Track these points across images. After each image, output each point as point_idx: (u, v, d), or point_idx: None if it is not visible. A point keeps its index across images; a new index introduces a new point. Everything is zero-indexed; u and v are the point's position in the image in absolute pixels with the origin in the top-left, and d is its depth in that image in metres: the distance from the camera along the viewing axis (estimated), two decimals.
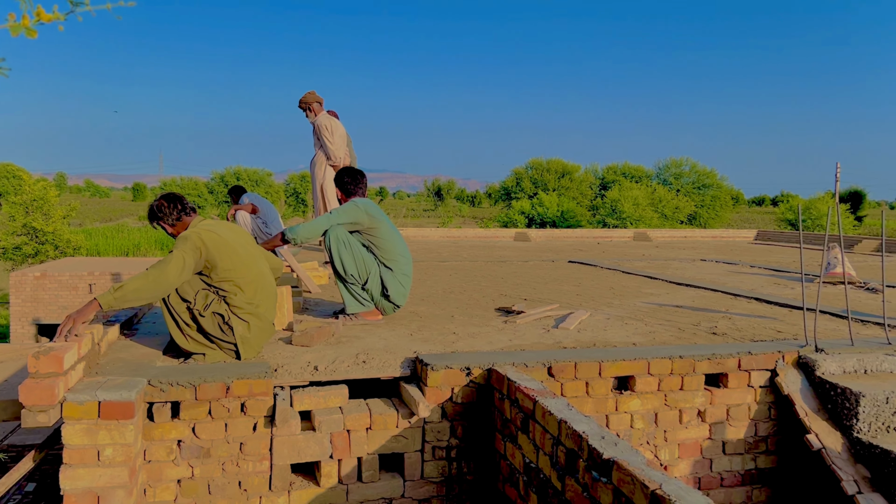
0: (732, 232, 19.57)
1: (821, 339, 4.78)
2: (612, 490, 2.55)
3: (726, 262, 11.32)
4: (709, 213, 37.28)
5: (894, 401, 4.07)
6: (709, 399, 4.29)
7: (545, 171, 40.14)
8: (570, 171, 40.31)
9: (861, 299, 7.07)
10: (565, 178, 39.73)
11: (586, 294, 7.17)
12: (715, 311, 6.12)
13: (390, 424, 3.84)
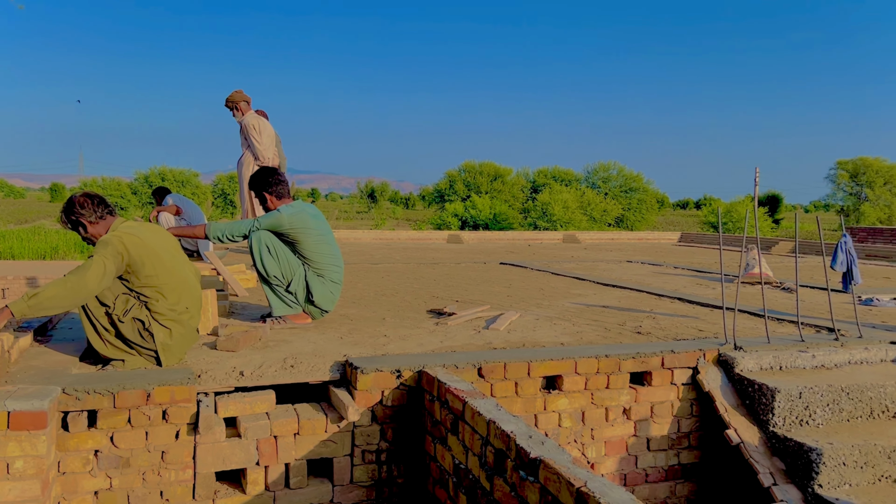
0: (658, 234, 20.15)
1: (739, 338, 4.96)
2: (539, 489, 2.57)
3: (651, 264, 11.64)
4: (635, 216, 38.27)
5: (807, 396, 4.25)
6: (634, 397, 4.39)
7: (478, 173, 40.46)
8: (503, 174, 40.76)
9: (778, 298, 7.38)
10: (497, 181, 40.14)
11: (517, 295, 7.24)
12: (640, 311, 6.28)
13: (319, 429, 3.78)
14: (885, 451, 3.98)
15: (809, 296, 7.54)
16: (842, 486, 3.90)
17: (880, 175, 45.00)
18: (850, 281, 5.53)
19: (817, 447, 3.90)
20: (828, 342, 4.92)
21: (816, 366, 4.71)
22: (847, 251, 5.50)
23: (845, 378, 4.49)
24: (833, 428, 4.24)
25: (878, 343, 4.97)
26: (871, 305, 7.03)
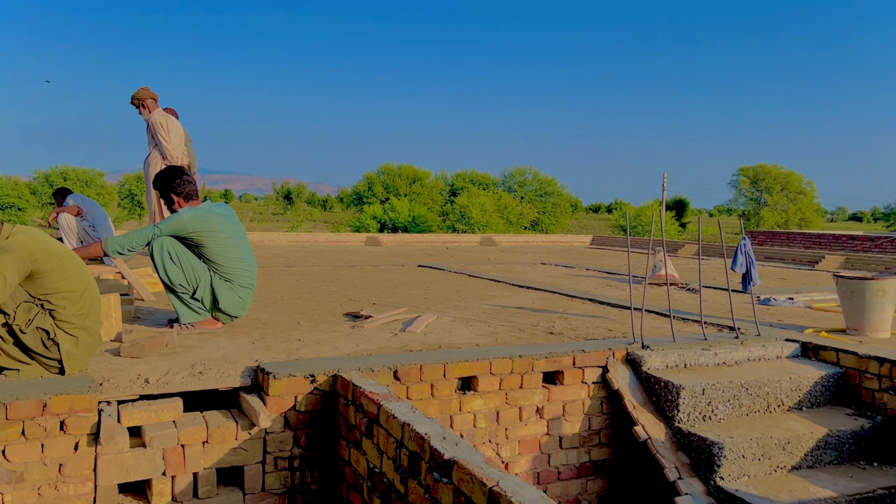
0: (571, 237, 20.66)
1: (647, 337, 5.13)
2: (452, 490, 2.58)
3: (565, 266, 11.91)
4: (550, 220, 39.15)
5: (710, 392, 4.44)
6: (547, 396, 4.48)
7: (397, 176, 40.44)
8: (422, 177, 40.91)
9: (683, 299, 7.68)
10: (416, 184, 40.25)
11: (434, 297, 7.27)
12: (553, 312, 6.41)
13: (229, 437, 3.67)
14: (780, 443, 4.20)
15: (712, 296, 7.89)
16: (741, 478, 4.10)
17: (778, 181, 47.65)
18: (749, 282, 5.82)
19: (719, 441, 4.08)
20: (729, 340, 5.16)
21: (718, 363, 4.93)
22: (746, 253, 5.78)
23: (745, 374, 4.71)
24: (734, 422, 4.45)
25: (774, 340, 5.24)
26: (769, 305, 7.43)
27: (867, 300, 5.50)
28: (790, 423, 4.45)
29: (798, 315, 6.73)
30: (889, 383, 4.54)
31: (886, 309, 5.52)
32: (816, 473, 4.23)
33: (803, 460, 4.27)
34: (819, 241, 21.00)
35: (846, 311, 5.70)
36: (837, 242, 20.52)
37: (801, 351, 5.22)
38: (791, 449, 4.23)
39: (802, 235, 21.71)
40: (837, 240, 20.71)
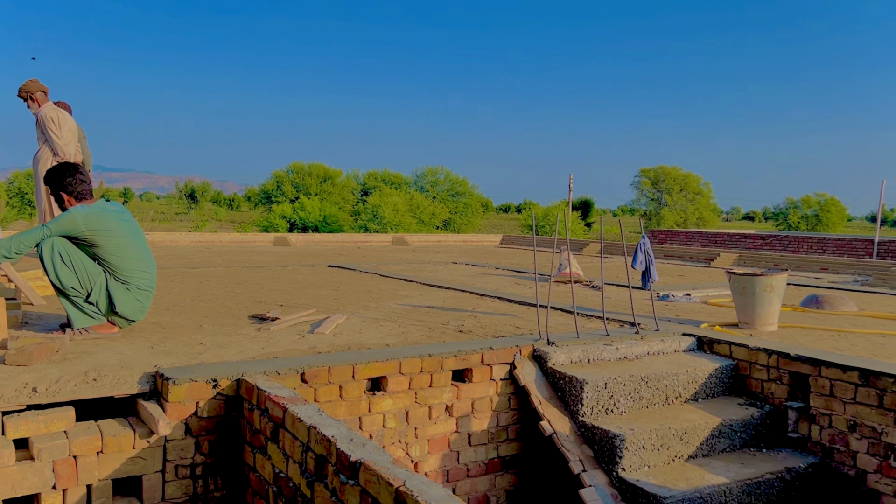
0: (481, 236, 20.91)
1: (552, 333, 5.25)
2: (359, 492, 2.56)
3: (475, 265, 12.05)
4: (461, 219, 39.50)
5: (612, 386, 4.59)
6: (456, 394, 4.51)
7: (307, 175, 39.80)
8: (332, 175, 40.43)
9: (587, 296, 7.91)
10: (327, 183, 39.75)
11: (344, 298, 7.19)
12: (463, 311, 6.47)
13: (126, 446, 3.51)
14: (677, 434, 4.39)
15: (615, 293, 8.16)
16: (642, 468, 4.25)
17: (677, 182, 49.79)
18: (648, 279, 6.05)
19: (620, 433, 4.22)
20: (630, 335, 5.34)
21: (620, 357, 5.10)
22: (646, 252, 6.00)
23: (645, 368, 4.89)
24: (634, 414, 4.61)
25: (672, 335, 5.47)
26: (668, 301, 7.75)
27: (757, 295, 5.82)
28: (687, 413, 4.65)
29: (695, 310, 7.05)
30: (776, 374, 4.82)
31: (774, 303, 5.86)
32: (711, 461, 4.44)
33: (699, 449, 4.47)
34: (715, 240, 22.09)
35: (738, 306, 6.01)
36: (731, 241, 21.65)
37: (697, 345, 5.47)
38: (688, 439, 4.43)
39: (699, 234, 22.78)
40: (731, 238, 21.85)
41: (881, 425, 4.22)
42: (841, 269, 12.64)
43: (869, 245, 17.55)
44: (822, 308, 7.29)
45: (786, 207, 53.13)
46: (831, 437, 4.49)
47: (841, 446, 4.44)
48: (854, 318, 6.79)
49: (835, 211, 50.71)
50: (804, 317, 6.81)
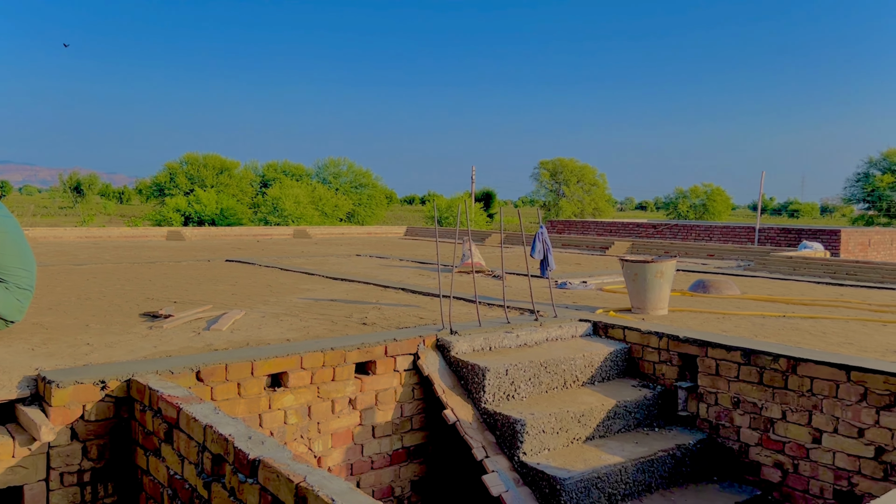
0: (386, 228, 20.85)
1: (455, 323, 5.30)
2: (258, 490, 2.50)
3: (379, 257, 12.00)
4: (366, 211, 39.20)
5: (513, 372, 4.68)
6: (359, 387, 4.48)
7: (202, 166, 38.42)
8: (230, 167, 39.21)
9: (489, 285, 8.03)
10: (224, 175, 38.51)
11: (242, 293, 7.00)
12: (367, 303, 6.42)
13: (4, 455, 3.29)
14: (575, 416, 4.53)
15: (516, 282, 8.32)
16: (542, 452, 4.36)
17: (574, 174, 51.26)
18: (546, 267, 6.20)
19: (521, 418, 4.31)
20: (529, 323, 5.46)
21: (520, 344, 5.21)
22: (543, 241, 6.15)
23: (544, 354, 5.02)
24: (535, 400, 4.72)
25: (570, 321, 5.63)
26: (566, 288, 7.97)
27: (648, 281, 6.08)
28: (585, 397, 4.80)
29: (591, 297, 7.29)
30: (667, 356, 5.05)
31: (665, 288, 6.14)
32: (607, 442, 4.61)
33: (596, 430, 4.63)
34: (610, 229, 22.92)
35: (631, 292, 6.26)
36: (625, 230, 22.52)
37: (593, 330, 5.65)
38: (585, 421, 4.57)
39: (596, 224, 23.57)
40: (625, 227, 22.72)
41: (761, 401, 4.50)
42: (726, 255, 13.39)
43: (751, 232, 18.67)
44: (709, 292, 7.70)
45: (675, 197, 55.74)
46: (717, 413, 4.75)
47: (726, 422, 4.70)
48: (737, 301, 7.20)
49: (720, 200, 53.62)
50: (692, 301, 7.17)
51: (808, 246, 14.21)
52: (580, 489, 4.05)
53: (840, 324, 5.86)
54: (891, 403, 3.95)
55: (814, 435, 4.27)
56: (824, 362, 4.24)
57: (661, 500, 4.33)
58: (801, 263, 11.06)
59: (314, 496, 2.17)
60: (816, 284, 8.94)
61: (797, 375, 4.33)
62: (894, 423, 3.94)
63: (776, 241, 17.90)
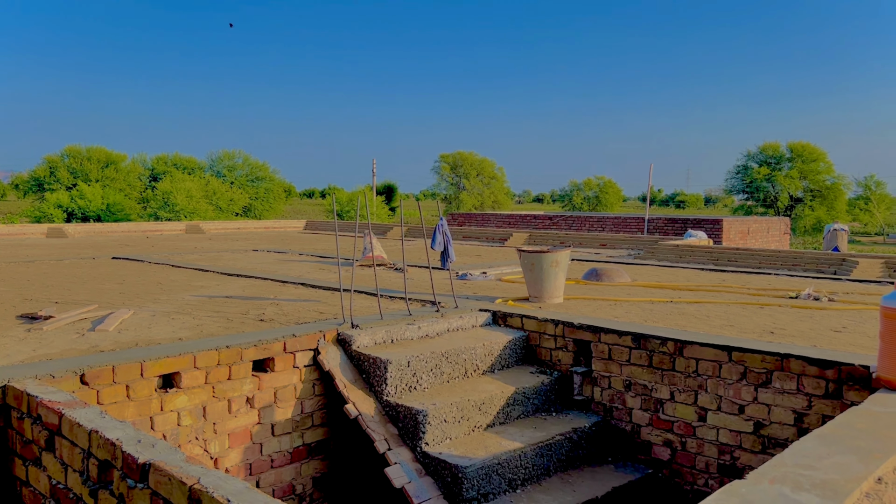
0: (285, 222, 20.43)
1: (357, 316, 5.26)
2: (149, 494, 2.39)
3: (277, 251, 11.74)
4: (263, 205, 38.21)
5: (415, 364, 4.69)
6: (257, 385, 4.37)
7: (86, 159, 36.33)
8: (116, 160, 37.27)
9: (391, 278, 8.01)
10: (110, 168, 36.58)
11: (131, 291, 6.68)
12: (264, 299, 6.27)
13: None
14: (476, 405, 4.59)
15: (418, 274, 8.34)
16: (444, 441, 4.40)
17: (474, 167, 51.89)
18: (447, 259, 6.25)
19: (423, 409, 4.33)
20: (431, 314, 5.49)
21: (422, 336, 5.22)
22: (444, 233, 6.19)
23: (445, 344, 5.05)
24: (437, 390, 4.75)
25: (470, 311, 5.70)
26: (466, 279, 8.07)
27: (545, 270, 6.23)
28: (485, 385, 4.88)
29: (490, 287, 7.41)
30: (563, 342, 5.20)
31: (560, 277, 6.31)
32: (507, 428, 4.70)
33: (496, 418, 4.72)
34: (508, 221, 23.37)
35: (528, 282, 6.40)
36: (523, 221, 23.02)
37: (493, 319, 5.75)
38: (486, 409, 4.65)
39: (495, 216, 23.97)
40: (523, 219, 23.23)
41: (651, 383, 4.72)
42: (617, 245, 13.93)
43: (640, 222, 19.49)
44: (602, 280, 7.99)
45: (570, 190, 57.44)
46: (611, 396, 4.94)
47: (619, 404, 4.90)
48: (628, 288, 7.51)
49: (612, 192, 55.67)
50: (586, 289, 7.41)
51: (692, 235, 14.99)
52: (481, 476, 4.11)
53: (722, 307, 6.21)
54: (767, 380, 4.23)
55: (699, 413, 4.52)
56: (708, 344, 4.49)
57: (559, 483, 4.46)
58: (686, 251, 11.64)
59: (209, 497, 2.10)
60: (701, 271, 9.44)
61: (684, 357, 4.57)
62: (771, 399, 4.22)
63: (664, 230, 18.78)
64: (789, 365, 4.15)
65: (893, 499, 2.30)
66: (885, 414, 3.09)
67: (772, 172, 42.37)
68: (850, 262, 9.85)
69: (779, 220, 20.69)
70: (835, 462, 2.52)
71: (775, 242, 19.95)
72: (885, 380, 3.51)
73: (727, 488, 2.26)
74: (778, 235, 20.18)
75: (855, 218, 45.43)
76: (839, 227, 19.38)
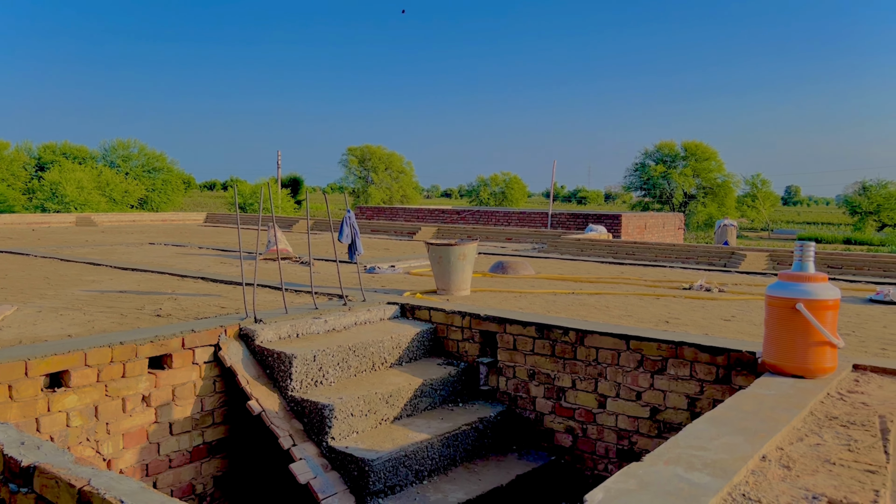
0: (184, 215, 19.70)
1: (260, 311, 5.13)
2: (34, 499, 2.25)
3: (176, 245, 11.30)
4: (161, 197, 36.69)
5: (321, 358, 4.62)
6: (154, 382, 4.19)
7: None
8: None
9: (297, 272, 7.86)
10: None
11: (14, 287, 6.27)
12: (161, 294, 6.02)
13: None
14: (383, 398, 4.57)
15: (325, 267, 8.22)
16: (351, 435, 4.36)
17: (382, 161, 51.67)
18: (354, 252, 6.19)
19: (330, 403, 4.27)
20: (338, 307, 5.42)
21: (329, 330, 5.16)
22: (351, 225, 6.13)
23: (352, 338, 5.01)
24: (343, 384, 4.70)
25: (378, 304, 5.67)
26: (374, 273, 8.02)
27: (452, 263, 6.28)
28: (393, 378, 4.87)
29: (398, 280, 7.40)
30: (469, 334, 5.26)
31: (467, 270, 6.38)
32: (415, 420, 4.70)
33: (404, 410, 4.72)
34: (417, 215, 23.40)
35: (436, 274, 6.43)
36: (432, 216, 23.11)
37: (401, 312, 5.74)
38: (393, 402, 4.64)
39: (404, 210, 23.96)
40: (432, 214, 23.32)
41: (554, 371, 4.84)
42: (522, 239, 14.20)
43: (544, 217, 19.96)
44: (507, 273, 8.13)
45: (477, 185, 58.16)
46: (516, 386, 5.03)
47: (523, 393, 5.00)
48: (533, 280, 7.67)
49: (517, 188, 56.75)
50: (493, 281, 7.52)
51: (593, 229, 15.48)
52: (388, 468, 4.10)
53: (621, 298, 6.44)
54: (663, 367, 4.42)
55: (600, 400, 4.67)
56: (608, 333, 4.64)
57: (464, 473, 4.51)
58: (587, 245, 12.01)
59: (100, 499, 1.99)
60: (601, 263, 9.77)
61: (584, 346, 4.70)
62: (666, 385, 4.41)
63: (566, 225, 19.30)
64: (683, 352, 4.35)
65: (776, 475, 2.45)
66: (769, 396, 3.28)
67: (667, 170, 44.33)
68: (739, 255, 10.44)
69: (674, 216, 21.68)
70: (724, 443, 2.66)
71: (670, 237, 20.89)
72: (769, 364, 3.74)
73: (625, 470, 2.35)
74: (673, 230, 21.14)
75: (743, 214, 48.24)
76: (729, 223, 20.52)
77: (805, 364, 3.59)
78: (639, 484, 2.25)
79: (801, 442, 2.77)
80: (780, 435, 2.78)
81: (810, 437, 2.82)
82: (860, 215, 46.98)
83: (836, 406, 3.23)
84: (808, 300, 3.55)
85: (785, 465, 2.53)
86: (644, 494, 2.17)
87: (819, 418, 3.06)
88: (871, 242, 35.06)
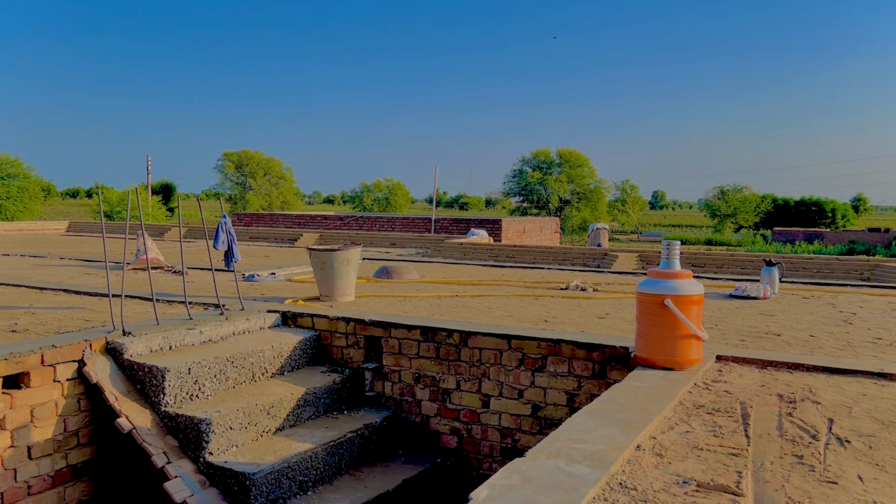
0: (43, 224, 18.38)
1: (129, 323, 4.84)
2: None
3: (34, 256, 10.51)
4: (16, 206, 34.00)
5: (196, 370, 4.41)
6: (9, 403, 3.85)
7: None
8: None
9: (169, 282, 7.49)
10: None
11: None
12: (17, 308, 5.57)
13: None
14: (265, 409, 4.43)
15: (200, 276, 7.89)
16: (230, 449, 4.19)
17: (261, 166, 50.34)
18: (231, 259, 5.96)
19: (206, 417, 4.09)
20: (214, 317, 5.21)
21: (204, 341, 4.94)
22: (227, 231, 5.90)
23: (230, 348, 4.82)
24: (221, 397, 4.51)
25: (257, 313, 5.49)
26: (254, 281, 7.77)
27: (335, 269, 6.18)
28: (274, 388, 4.72)
29: (279, 288, 7.21)
30: (354, 339, 5.19)
31: (351, 275, 6.30)
32: (298, 430, 4.59)
33: (286, 420, 4.59)
34: (299, 222, 22.96)
35: (319, 281, 6.31)
36: (314, 222, 22.74)
37: (282, 320, 5.59)
38: (275, 412, 4.50)
39: (284, 217, 23.43)
40: (314, 220, 22.95)
41: (439, 374, 4.86)
42: (406, 244, 14.24)
43: (428, 222, 20.11)
44: (392, 277, 8.11)
45: (360, 191, 57.80)
46: (401, 390, 5.02)
47: (409, 397, 4.99)
48: (417, 284, 7.69)
49: (401, 194, 56.89)
50: (377, 286, 7.48)
51: (475, 233, 15.75)
52: (270, 482, 3.97)
53: (502, 300, 6.58)
54: (543, 365, 4.54)
55: (483, 400, 4.73)
56: (490, 334, 4.72)
57: (351, 481, 4.45)
58: (470, 249, 12.21)
59: None
60: (483, 266, 9.94)
61: (468, 347, 4.76)
62: (546, 382, 4.53)
63: (449, 230, 19.54)
64: (561, 349, 4.48)
65: (650, 463, 2.56)
66: (641, 388, 3.44)
67: (544, 176, 45.86)
68: (611, 256, 10.94)
69: (550, 220, 22.46)
70: (601, 434, 2.76)
71: (548, 240, 21.61)
72: (641, 358, 3.92)
73: (509, 466, 2.38)
74: (550, 234, 21.89)
75: (614, 218, 50.70)
76: (601, 226, 21.50)
77: (674, 357, 3.80)
78: (522, 479, 2.29)
79: (671, 430, 2.92)
80: (652, 425, 2.92)
81: (680, 426, 2.98)
82: (719, 218, 50.58)
83: (702, 395, 3.43)
84: (674, 296, 3.76)
85: (658, 453, 2.65)
86: (527, 489, 2.21)
87: (688, 407, 3.23)
88: (729, 243, 37.84)
